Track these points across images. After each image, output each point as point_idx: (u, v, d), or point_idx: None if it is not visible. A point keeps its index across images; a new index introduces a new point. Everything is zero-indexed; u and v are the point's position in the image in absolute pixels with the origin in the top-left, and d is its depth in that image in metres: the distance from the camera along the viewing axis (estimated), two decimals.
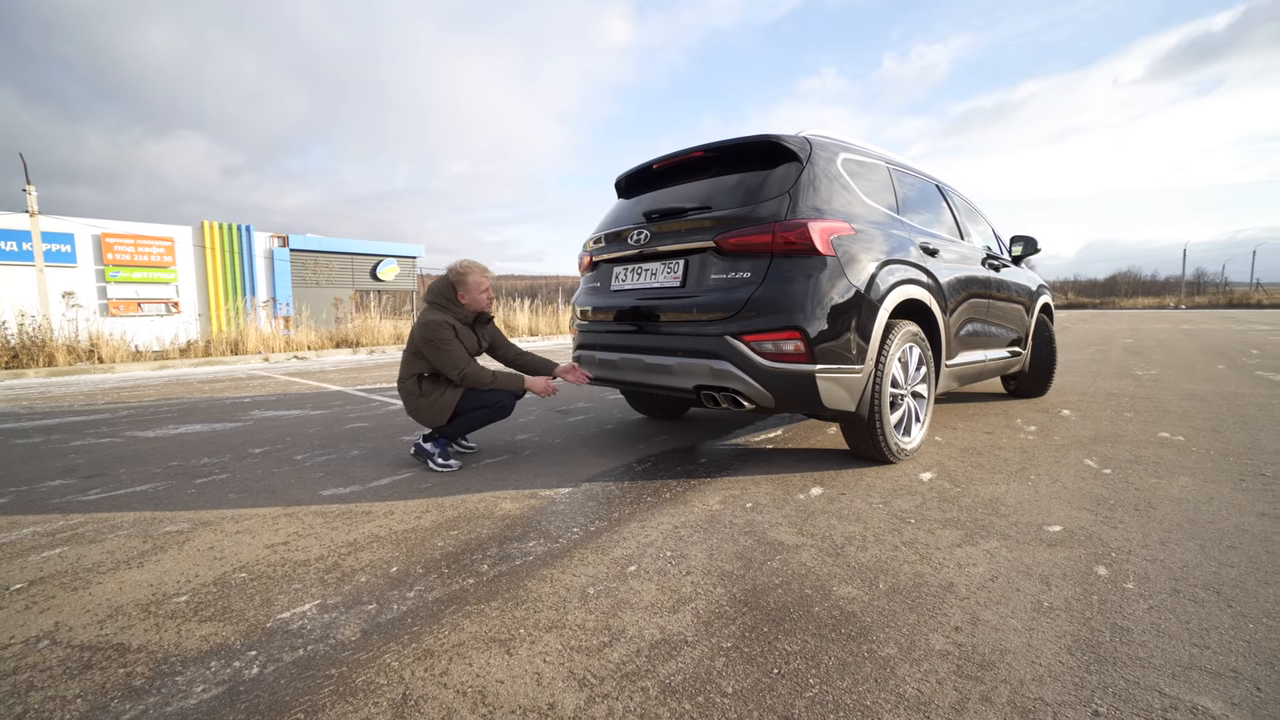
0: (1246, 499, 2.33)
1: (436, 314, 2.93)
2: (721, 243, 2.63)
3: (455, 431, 3.00)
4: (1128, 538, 1.97)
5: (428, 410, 2.92)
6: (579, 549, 1.96)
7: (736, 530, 2.09)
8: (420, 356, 2.93)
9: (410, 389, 2.96)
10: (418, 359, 2.95)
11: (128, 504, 2.49)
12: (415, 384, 2.96)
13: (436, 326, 2.86)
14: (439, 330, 2.87)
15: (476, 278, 3.04)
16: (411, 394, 2.96)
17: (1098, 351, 8.83)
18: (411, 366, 2.97)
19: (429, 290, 3.05)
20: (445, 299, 3.01)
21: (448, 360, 2.87)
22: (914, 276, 2.90)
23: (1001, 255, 4.27)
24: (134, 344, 9.06)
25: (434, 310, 2.97)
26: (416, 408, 2.95)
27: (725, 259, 2.63)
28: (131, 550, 2.00)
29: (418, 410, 2.95)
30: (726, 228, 2.64)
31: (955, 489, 2.51)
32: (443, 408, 2.92)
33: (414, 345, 2.95)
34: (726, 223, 2.65)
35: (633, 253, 3.00)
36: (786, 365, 2.46)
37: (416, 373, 2.96)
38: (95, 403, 5.34)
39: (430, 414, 2.92)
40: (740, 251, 2.59)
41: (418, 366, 2.96)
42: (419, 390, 2.95)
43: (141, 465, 3.10)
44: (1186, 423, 3.74)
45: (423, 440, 2.99)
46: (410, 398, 2.96)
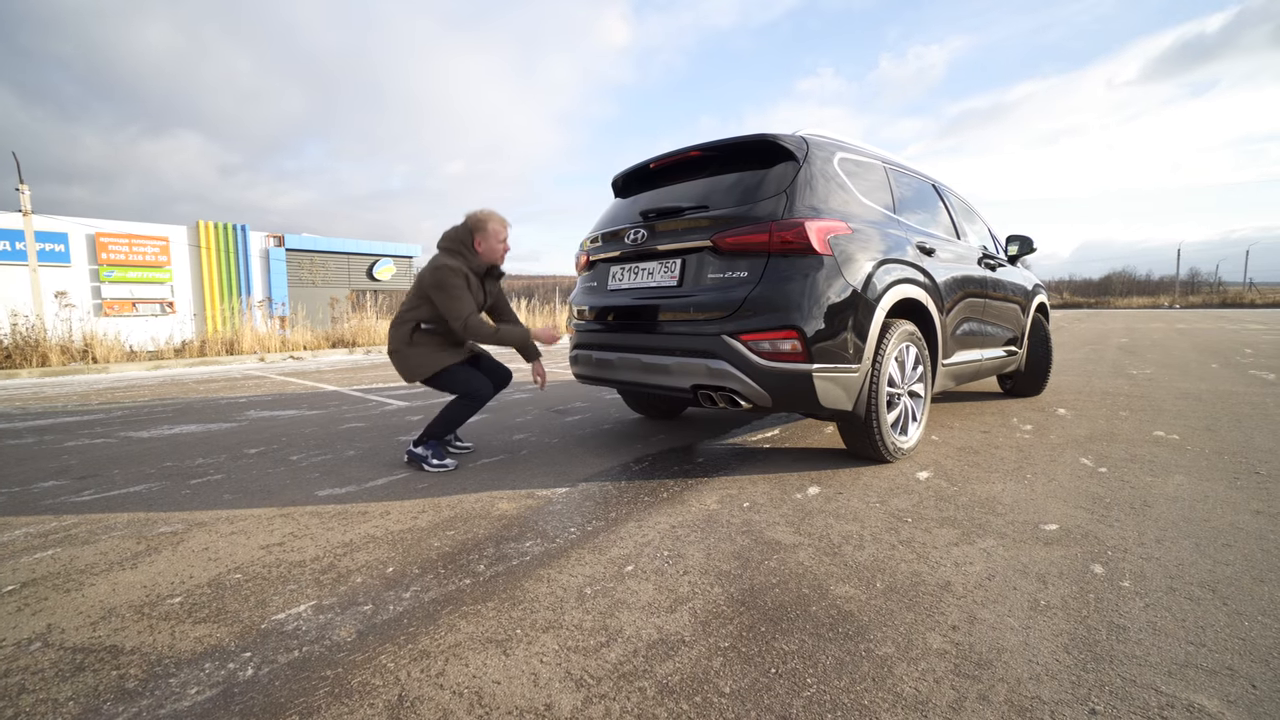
0: (1241, 497, 2.34)
1: (451, 259, 2.88)
2: (718, 242, 2.62)
3: (440, 430, 2.95)
4: (1124, 536, 1.98)
5: (411, 360, 2.92)
6: (576, 549, 1.96)
7: (734, 530, 2.09)
8: (424, 302, 2.90)
9: (402, 334, 2.94)
10: (421, 304, 2.92)
11: (121, 505, 2.47)
12: (409, 331, 2.94)
13: (450, 271, 2.81)
14: (451, 276, 2.82)
15: (496, 226, 2.99)
16: (402, 339, 2.94)
17: (1093, 350, 8.86)
18: (412, 310, 2.94)
19: (444, 236, 2.99)
20: (462, 245, 2.95)
21: (454, 307, 2.81)
22: (911, 276, 2.91)
23: (997, 255, 4.28)
24: (129, 344, 9.01)
25: (448, 255, 2.91)
26: (401, 354, 2.94)
27: (722, 258, 2.63)
28: (125, 551, 1.99)
29: (402, 357, 2.93)
30: (723, 227, 2.63)
31: (952, 488, 2.51)
32: (426, 365, 2.90)
33: (420, 289, 2.91)
34: (723, 222, 2.65)
35: (630, 252, 2.99)
36: (784, 364, 2.46)
37: (416, 320, 2.94)
38: (89, 403, 5.31)
39: (411, 366, 2.91)
40: (737, 251, 2.59)
41: (419, 313, 2.93)
42: (410, 339, 2.94)
43: (135, 466, 3.08)
44: (1181, 421, 3.75)
45: (413, 446, 2.97)
46: (400, 342, 2.94)
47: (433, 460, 2.91)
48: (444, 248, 2.97)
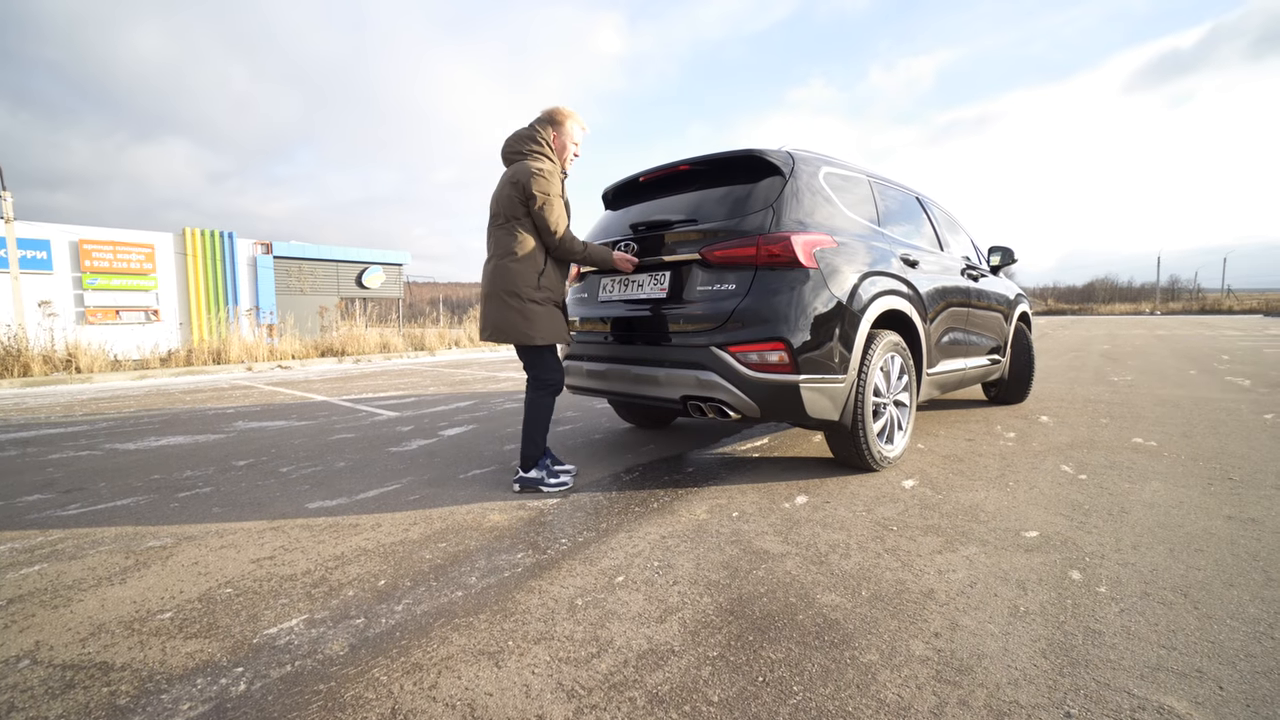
0: (1214, 502, 2.41)
1: (545, 162, 2.58)
2: (707, 255, 2.67)
3: (542, 440, 2.69)
4: (1101, 542, 2.03)
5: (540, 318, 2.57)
6: (567, 560, 1.98)
7: (723, 540, 2.12)
8: (518, 225, 2.54)
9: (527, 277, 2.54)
10: (522, 223, 2.54)
11: (109, 519, 2.46)
12: (537, 275, 2.56)
13: (551, 175, 2.53)
14: (553, 180, 2.52)
15: (577, 125, 2.70)
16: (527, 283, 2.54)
17: (1076, 358, 9.02)
18: (522, 240, 2.54)
19: (516, 138, 2.63)
20: (548, 146, 2.63)
21: (556, 217, 2.52)
22: (895, 288, 2.97)
23: (980, 265, 4.37)
24: (113, 353, 8.91)
25: (539, 159, 2.58)
26: (522, 309, 2.54)
27: (711, 271, 2.68)
28: (113, 566, 1.98)
29: (525, 313, 2.54)
30: (712, 240, 2.68)
31: (937, 496, 2.56)
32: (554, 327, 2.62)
33: (511, 207, 2.53)
34: (712, 235, 2.69)
35: None
36: (771, 376, 2.50)
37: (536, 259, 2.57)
38: (73, 414, 5.25)
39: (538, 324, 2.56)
40: (725, 264, 2.63)
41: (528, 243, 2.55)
42: (538, 283, 2.57)
43: (122, 479, 3.06)
44: (1159, 428, 3.84)
45: (523, 471, 2.70)
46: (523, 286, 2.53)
47: (550, 481, 2.70)
48: (529, 151, 2.59)
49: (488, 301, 2.62)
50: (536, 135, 2.62)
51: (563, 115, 2.67)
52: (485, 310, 2.64)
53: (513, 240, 2.55)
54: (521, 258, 2.55)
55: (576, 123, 2.70)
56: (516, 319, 2.55)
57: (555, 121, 2.66)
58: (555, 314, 2.64)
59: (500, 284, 2.57)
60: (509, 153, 2.65)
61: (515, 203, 2.54)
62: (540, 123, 2.67)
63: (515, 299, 2.54)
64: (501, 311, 2.57)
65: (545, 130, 2.64)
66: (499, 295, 2.57)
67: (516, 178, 2.52)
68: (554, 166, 2.59)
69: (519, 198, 2.52)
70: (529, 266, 2.56)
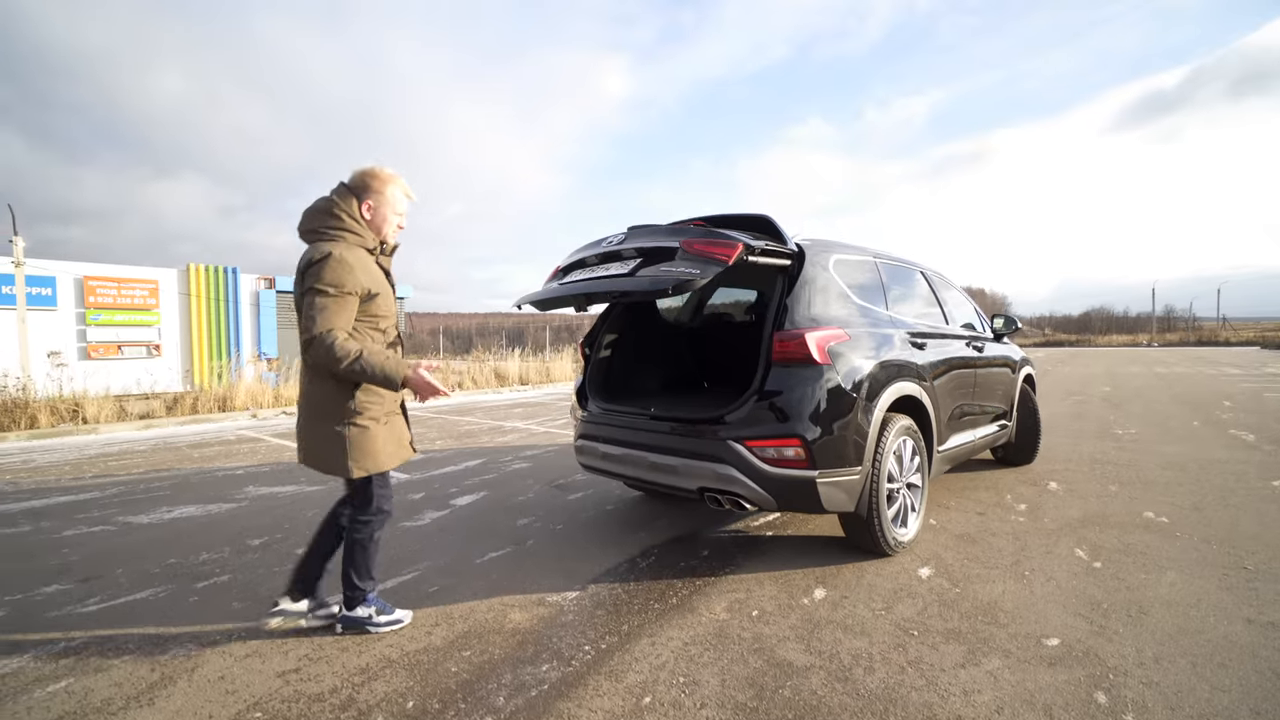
0: (1232, 601, 2.42)
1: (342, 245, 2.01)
2: None
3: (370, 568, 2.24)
4: (1123, 654, 2.04)
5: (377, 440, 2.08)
6: (592, 674, 1.98)
7: (745, 649, 2.13)
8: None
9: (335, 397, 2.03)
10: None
11: (129, 617, 2.46)
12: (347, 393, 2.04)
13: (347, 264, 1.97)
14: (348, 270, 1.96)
15: (400, 191, 2.16)
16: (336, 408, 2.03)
17: (1078, 404, 9.06)
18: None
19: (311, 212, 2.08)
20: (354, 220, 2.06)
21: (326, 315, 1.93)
22: (905, 372, 3.03)
23: (984, 332, 4.45)
24: (113, 389, 8.90)
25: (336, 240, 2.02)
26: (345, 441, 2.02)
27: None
28: (139, 682, 1.98)
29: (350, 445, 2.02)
30: None
31: (955, 590, 2.57)
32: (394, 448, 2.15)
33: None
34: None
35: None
36: (788, 471, 2.54)
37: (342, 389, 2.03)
38: (82, 475, 5.25)
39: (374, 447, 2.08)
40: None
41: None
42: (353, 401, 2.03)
43: (138, 563, 3.06)
44: (1169, 498, 3.86)
45: (347, 609, 2.25)
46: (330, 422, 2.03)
47: (380, 619, 2.26)
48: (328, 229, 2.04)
49: (301, 426, 2.15)
50: (334, 208, 2.05)
51: (380, 180, 2.11)
52: (299, 434, 2.16)
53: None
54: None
55: (399, 188, 2.15)
56: (331, 448, 2.04)
57: (369, 189, 2.09)
58: (386, 431, 2.12)
59: (310, 404, 2.09)
60: (304, 231, 2.09)
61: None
62: (344, 191, 2.09)
63: (327, 423, 2.04)
64: (316, 437, 2.07)
65: (349, 202, 2.07)
66: (308, 417, 2.10)
67: (305, 264, 2.00)
68: (355, 252, 2.02)
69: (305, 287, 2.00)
70: (341, 381, 2.02)
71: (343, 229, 2.05)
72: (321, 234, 2.05)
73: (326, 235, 2.04)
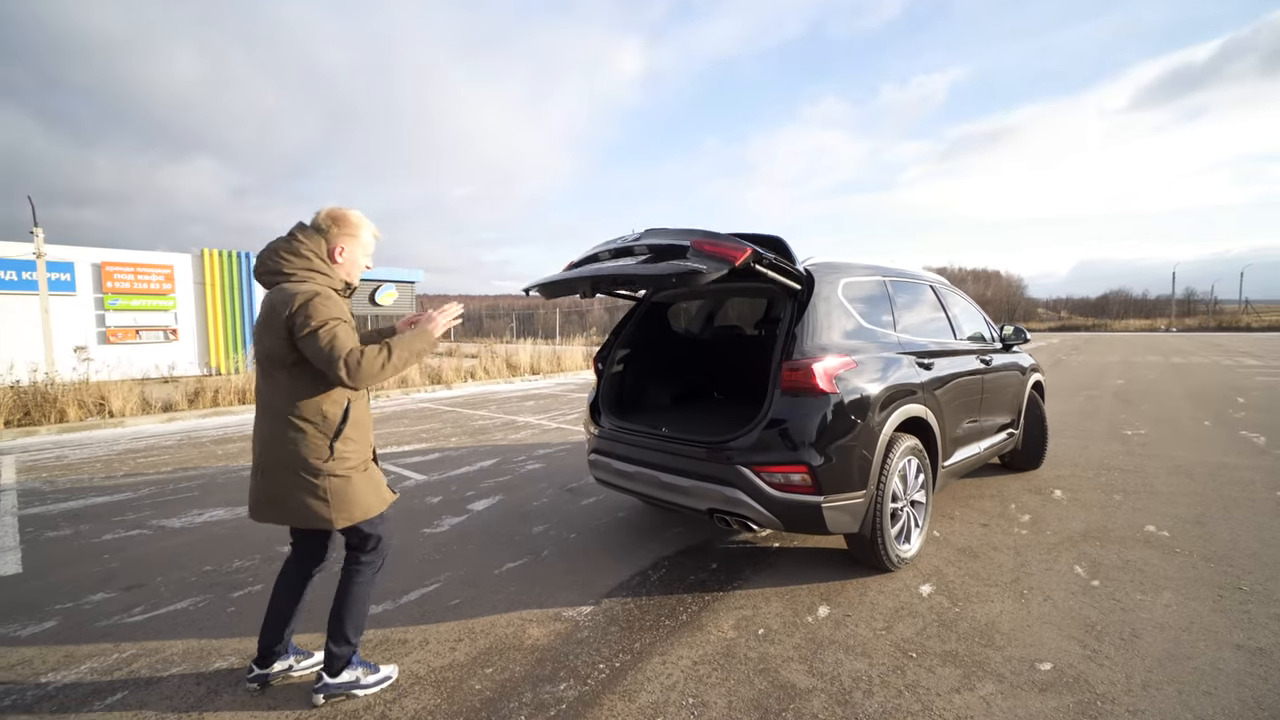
0: (1224, 624, 2.50)
1: (314, 284, 1.95)
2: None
3: (359, 626, 2.12)
4: (1113, 680, 2.14)
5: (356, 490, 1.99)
6: (607, 693, 2.12)
7: (751, 669, 2.25)
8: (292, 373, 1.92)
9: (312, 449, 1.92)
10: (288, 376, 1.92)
11: (173, 628, 2.62)
12: (325, 444, 1.93)
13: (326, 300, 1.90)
14: (329, 303, 1.90)
15: (369, 233, 2.11)
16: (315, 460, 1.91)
17: (1089, 400, 9.05)
18: (290, 400, 1.92)
19: (272, 252, 1.97)
20: (320, 260, 1.99)
21: (338, 343, 1.85)
22: (911, 393, 3.09)
23: (992, 342, 4.48)
24: (133, 374, 9.15)
25: (307, 279, 1.96)
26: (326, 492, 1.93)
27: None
28: (188, 695, 2.14)
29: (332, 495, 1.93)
30: None
31: (954, 609, 2.67)
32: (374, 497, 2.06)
33: (276, 347, 1.90)
34: None
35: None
36: (794, 496, 2.64)
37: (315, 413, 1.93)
38: (114, 474, 5.46)
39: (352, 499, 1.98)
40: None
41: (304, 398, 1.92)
42: (330, 453, 1.93)
43: (176, 571, 3.24)
44: (1172, 510, 3.92)
45: (330, 676, 2.08)
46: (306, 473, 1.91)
47: (367, 680, 2.13)
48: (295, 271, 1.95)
49: (263, 476, 1.98)
50: (303, 249, 1.97)
51: (354, 225, 2.06)
52: (260, 489, 1.99)
53: (286, 394, 1.93)
54: (305, 419, 1.92)
55: (370, 231, 2.11)
56: (309, 500, 1.93)
57: (342, 233, 2.04)
58: (365, 479, 2.03)
59: (278, 455, 1.93)
60: (268, 272, 1.98)
61: (275, 339, 1.89)
62: (311, 233, 2.01)
63: (303, 475, 1.92)
64: (284, 490, 1.94)
65: (316, 243, 2.00)
66: (277, 469, 1.94)
67: (274, 310, 1.89)
68: (328, 292, 1.94)
69: (279, 334, 1.88)
70: (318, 429, 1.93)
71: (311, 269, 1.97)
72: (290, 276, 1.95)
73: (295, 278, 1.95)
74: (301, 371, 1.92)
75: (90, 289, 20.03)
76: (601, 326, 30.93)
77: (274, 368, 1.93)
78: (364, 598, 2.12)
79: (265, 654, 2.15)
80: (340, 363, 1.83)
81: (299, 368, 1.91)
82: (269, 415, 1.97)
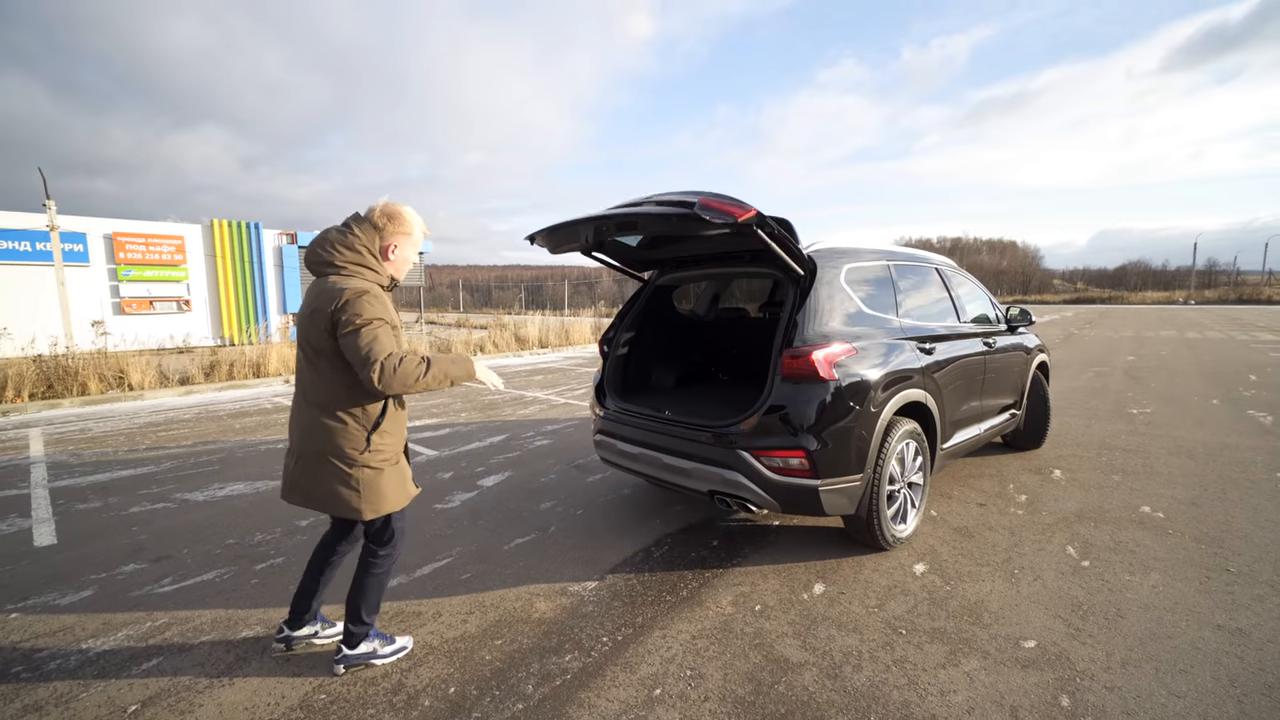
0: (1208, 605, 2.59)
1: (363, 280, 1.99)
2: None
3: (375, 604, 2.22)
4: (1093, 658, 2.23)
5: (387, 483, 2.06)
6: (609, 665, 2.24)
7: (747, 644, 2.37)
8: (334, 364, 1.95)
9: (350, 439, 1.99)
10: (330, 368, 1.96)
11: (201, 599, 2.78)
12: (362, 436, 2.00)
13: (376, 298, 1.95)
14: (378, 303, 1.94)
15: (420, 229, 2.15)
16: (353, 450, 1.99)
17: (1097, 376, 9.02)
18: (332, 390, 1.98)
19: (325, 243, 2.01)
20: (371, 256, 2.04)
21: (378, 345, 1.88)
22: (911, 378, 3.13)
23: (997, 323, 4.48)
24: (148, 344, 9.35)
25: (357, 275, 2.00)
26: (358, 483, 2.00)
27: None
28: (219, 663, 2.29)
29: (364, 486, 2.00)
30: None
31: (945, 587, 2.77)
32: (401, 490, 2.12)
33: (320, 339, 1.94)
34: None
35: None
36: (793, 479, 2.72)
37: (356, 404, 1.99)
38: (137, 447, 5.66)
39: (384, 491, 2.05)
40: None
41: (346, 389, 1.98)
42: (366, 444, 2.00)
43: (200, 544, 3.40)
44: (1170, 491, 3.98)
45: (349, 648, 2.19)
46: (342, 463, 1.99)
47: (384, 651, 2.25)
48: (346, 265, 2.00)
49: (299, 462, 2.04)
50: (357, 243, 2.01)
51: (408, 224, 2.09)
52: (295, 473, 2.06)
53: (328, 386, 1.99)
54: (346, 410, 1.99)
55: (420, 229, 2.15)
56: (341, 489, 2.00)
57: (397, 231, 2.07)
58: (395, 472, 2.10)
59: (316, 443, 2.00)
60: (319, 262, 2.03)
61: (321, 332, 1.94)
62: (367, 228, 2.04)
63: (338, 464, 1.99)
64: (318, 477, 2.01)
65: (370, 238, 2.04)
66: (313, 456, 2.01)
67: (322, 302, 1.93)
68: (376, 289, 1.99)
69: (324, 327, 1.92)
70: (357, 422, 2.00)
71: (362, 264, 2.02)
72: (340, 269, 1.99)
73: (345, 271, 1.99)
74: (346, 364, 1.95)
75: (103, 260, 20.22)
76: (610, 298, 30.87)
77: (317, 357, 1.98)
78: (379, 585, 2.21)
79: (295, 617, 2.31)
80: (376, 365, 1.85)
81: (342, 359, 1.95)
82: (309, 403, 2.03)
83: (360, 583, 2.20)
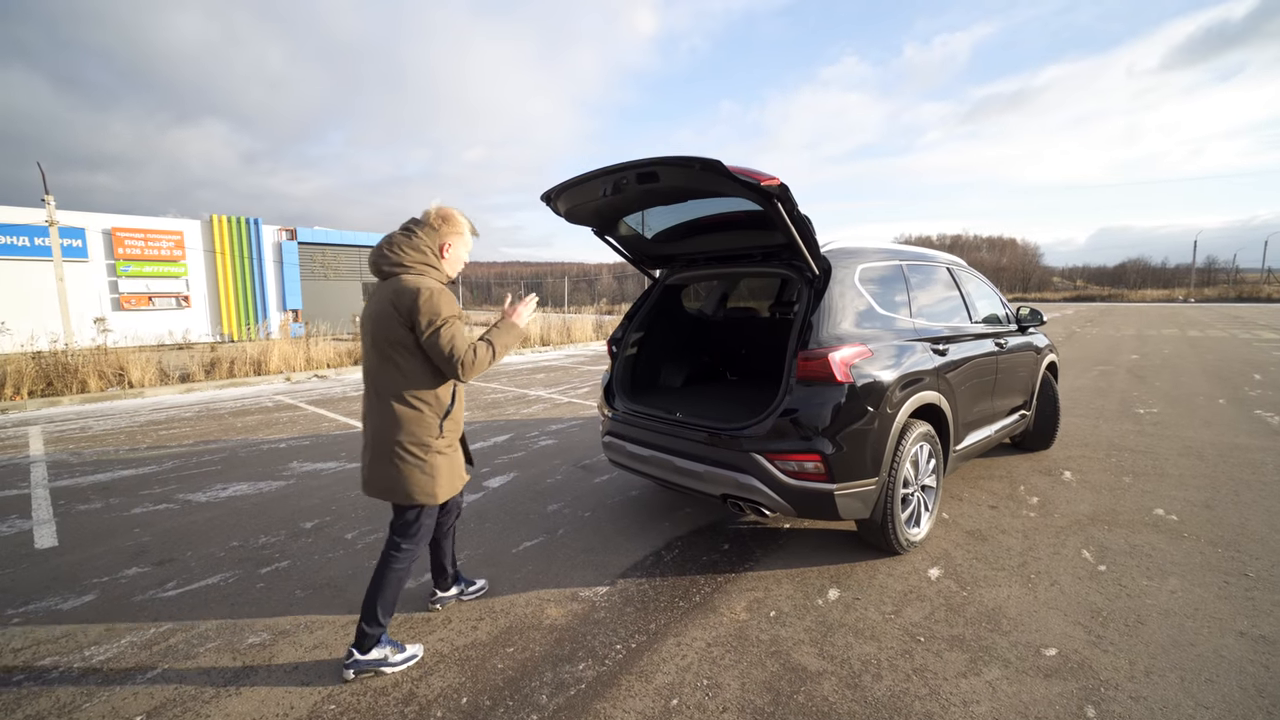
0: (1228, 611, 2.55)
1: (431, 279, 2.15)
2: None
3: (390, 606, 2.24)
4: (1116, 666, 2.20)
5: (446, 468, 2.21)
6: (624, 674, 2.20)
7: (763, 651, 2.32)
8: (408, 357, 2.10)
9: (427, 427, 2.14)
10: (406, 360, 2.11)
11: (205, 605, 2.73)
12: (437, 422, 2.17)
13: (442, 294, 2.09)
14: (444, 299, 2.09)
15: (470, 232, 2.31)
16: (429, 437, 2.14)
17: (1102, 375, 8.99)
18: (408, 382, 2.12)
19: (392, 245, 2.14)
20: (434, 255, 2.19)
21: (457, 342, 2.07)
22: (925, 381, 3.09)
23: (1008, 323, 4.44)
24: (147, 340, 9.30)
25: (425, 273, 2.16)
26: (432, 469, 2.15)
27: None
28: (225, 671, 2.25)
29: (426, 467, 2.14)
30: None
31: (961, 593, 2.73)
32: (456, 477, 2.28)
33: (393, 332, 2.08)
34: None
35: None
36: (807, 483, 2.67)
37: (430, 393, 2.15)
38: (137, 446, 5.60)
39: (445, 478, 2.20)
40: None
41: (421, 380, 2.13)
42: (439, 430, 2.17)
43: (204, 546, 3.35)
44: (1182, 493, 3.94)
45: (360, 653, 2.18)
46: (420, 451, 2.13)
47: (395, 659, 2.23)
48: (413, 264, 2.14)
49: (376, 457, 2.16)
50: (421, 244, 2.16)
51: (461, 225, 2.25)
52: (372, 467, 2.18)
53: (405, 377, 2.12)
54: (421, 399, 2.14)
55: (469, 228, 2.30)
56: (418, 476, 2.14)
57: (452, 231, 2.23)
58: (456, 457, 2.28)
59: (393, 433, 2.12)
60: (388, 264, 2.15)
61: (398, 328, 2.07)
62: (428, 230, 2.20)
63: (415, 452, 2.13)
64: (397, 468, 2.13)
65: (432, 239, 2.19)
66: (392, 447, 2.12)
67: (398, 300, 2.06)
68: (441, 285, 2.16)
69: (402, 322, 2.06)
70: (431, 410, 2.15)
71: (426, 263, 2.18)
72: (409, 268, 2.14)
73: (413, 270, 2.15)
74: (423, 355, 2.12)
75: (102, 255, 20.10)
76: (610, 295, 30.76)
77: (394, 352, 2.11)
78: (398, 583, 2.24)
79: (439, 584, 2.65)
80: (459, 363, 2.07)
81: (420, 351, 2.11)
82: (383, 397, 2.15)
83: (380, 578, 2.22)
